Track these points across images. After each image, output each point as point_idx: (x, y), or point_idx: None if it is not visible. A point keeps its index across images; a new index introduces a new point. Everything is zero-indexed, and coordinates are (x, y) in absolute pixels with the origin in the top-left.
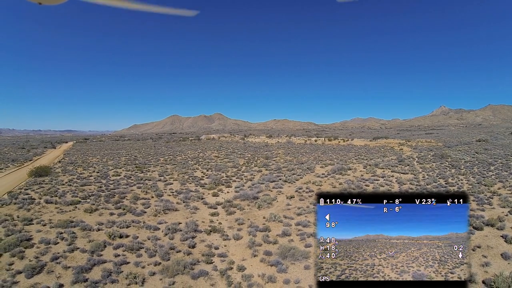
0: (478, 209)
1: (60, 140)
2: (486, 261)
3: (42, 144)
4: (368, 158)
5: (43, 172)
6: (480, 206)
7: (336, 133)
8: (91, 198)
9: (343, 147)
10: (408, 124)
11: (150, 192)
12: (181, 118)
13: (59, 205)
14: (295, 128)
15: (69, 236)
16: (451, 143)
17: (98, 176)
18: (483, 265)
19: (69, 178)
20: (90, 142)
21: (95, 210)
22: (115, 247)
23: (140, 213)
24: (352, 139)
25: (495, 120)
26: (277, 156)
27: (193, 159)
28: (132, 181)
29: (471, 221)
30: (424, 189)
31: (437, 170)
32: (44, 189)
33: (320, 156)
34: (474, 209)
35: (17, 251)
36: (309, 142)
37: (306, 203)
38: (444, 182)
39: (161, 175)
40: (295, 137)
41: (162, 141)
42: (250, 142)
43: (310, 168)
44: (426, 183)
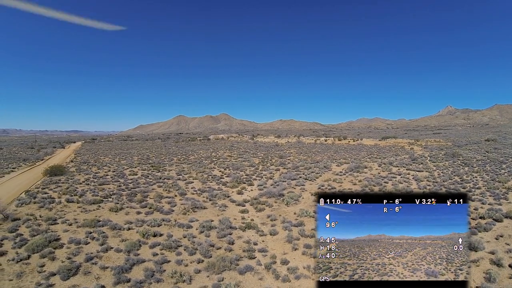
0: (496, 203)
1: (67, 140)
2: (509, 248)
3: (51, 144)
4: (381, 157)
5: (58, 171)
6: (497, 201)
7: (343, 133)
8: (113, 197)
9: (354, 147)
10: (415, 124)
11: (172, 191)
12: (187, 118)
13: (81, 204)
14: (302, 128)
15: (100, 235)
16: (460, 143)
17: (115, 175)
18: (507, 252)
19: (85, 177)
20: (99, 142)
21: (120, 209)
22: (151, 246)
23: (168, 211)
24: (361, 139)
25: (502, 120)
26: (291, 155)
27: (206, 159)
28: (151, 180)
29: (491, 214)
30: (442, 186)
31: (450, 168)
32: (62, 188)
33: (333, 155)
34: (492, 203)
35: (47, 252)
36: (319, 142)
37: None
38: (459, 179)
39: (179, 174)
40: (304, 137)
41: (171, 141)
42: (259, 142)
43: (326, 166)
44: (442, 180)
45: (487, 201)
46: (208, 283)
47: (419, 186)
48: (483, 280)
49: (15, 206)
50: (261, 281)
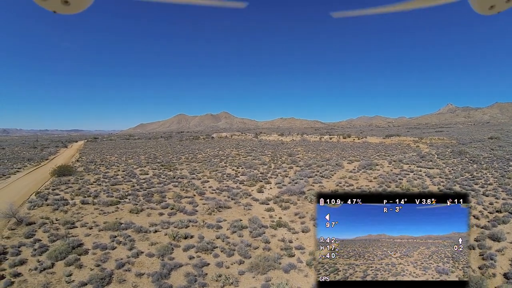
0: (509, 198)
1: (69, 139)
2: None
3: (52, 143)
4: (389, 155)
5: (66, 171)
6: (510, 196)
7: (345, 131)
8: (129, 197)
9: (359, 145)
10: (416, 122)
11: (190, 190)
12: (188, 117)
13: (98, 206)
14: (303, 126)
15: (126, 239)
16: (464, 141)
17: (126, 175)
18: None
19: (96, 177)
20: (101, 141)
21: (141, 210)
22: (184, 248)
23: (192, 212)
24: (365, 137)
25: (502, 118)
26: (299, 154)
27: (215, 157)
28: (164, 180)
29: (507, 208)
30: (455, 182)
31: (460, 166)
32: (73, 189)
33: (341, 153)
34: (506, 198)
35: (72, 259)
36: (324, 140)
37: None
38: (469, 175)
39: (191, 173)
40: (307, 135)
41: (174, 140)
42: (264, 140)
43: (338, 164)
44: (455, 177)
45: (501, 196)
46: (256, 284)
47: (433, 183)
48: (509, 267)
49: (27, 208)
50: (307, 278)
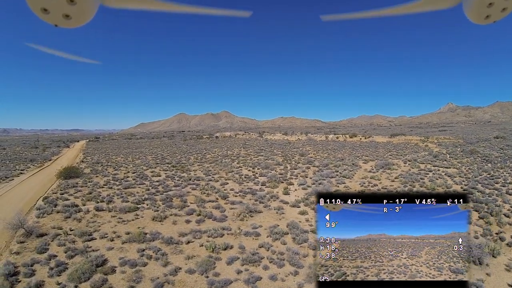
0: None
1: (70, 139)
2: None
3: (54, 143)
4: (401, 154)
5: (73, 173)
6: None
7: (347, 130)
8: (146, 202)
9: (368, 144)
10: (417, 121)
11: (212, 193)
12: (188, 116)
13: (114, 213)
14: (303, 125)
15: (157, 253)
16: (471, 140)
17: (137, 177)
18: None
19: (105, 180)
20: (103, 141)
21: (164, 218)
22: (228, 261)
23: (221, 218)
24: (371, 136)
25: (503, 117)
26: (310, 153)
27: (225, 157)
28: (180, 182)
29: None
30: (476, 182)
31: (475, 165)
32: (83, 193)
33: (352, 152)
34: None
35: (99, 280)
36: (331, 139)
37: None
38: (487, 175)
39: (206, 174)
40: (312, 134)
41: (178, 139)
42: (270, 139)
43: (355, 164)
44: (474, 176)
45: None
46: None
47: (455, 182)
48: None
49: (35, 216)
50: None
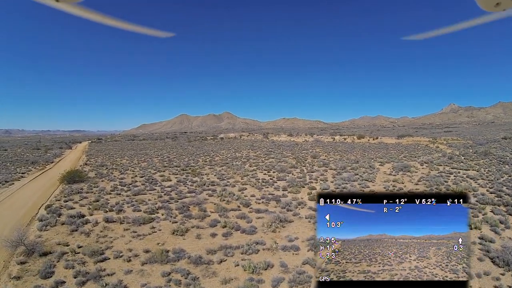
0: None
1: (72, 140)
2: None
3: (56, 144)
4: (414, 155)
5: (77, 177)
6: None
7: (351, 131)
8: (161, 212)
9: (377, 145)
10: (419, 122)
11: (232, 201)
12: (190, 117)
13: (126, 225)
14: (305, 126)
15: (186, 277)
16: (480, 141)
17: (145, 181)
18: None
19: (112, 185)
20: (106, 142)
21: (186, 231)
22: (273, 284)
23: (250, 230)
24: (379, 137)
25: (506, 118)
26: (322, 155)
27: (234, 159)
28: (194, 187)
29: None
30: (501, 184)
31: (492, 166)
32: (89, 200)
33: (365, 154)
34: None
35: None
36: (339, 141)
37: None
38: (508, 177)
39: (221, 178)
40: (317, 135)
41: (182, 141)
42: (277, 141)
43: (371, 166)
44: (496, 178)
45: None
46: None
47: (479, 185)
48: None
49: (37, 229)
50: None
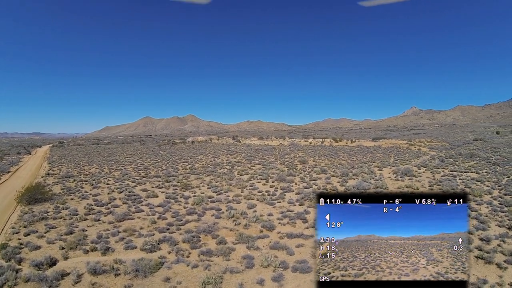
0: None
1: (32, 144)
2: None
3: (13, 149)
4: (403, 159)
5: (39, 194)
6: None
7: (317, 133)
8: (165, 248)
9: (359, 148)
10: (383, 124)
11: (250, 223)
12: (154, 120)
13: (126, 279)
14: (270, 129)
15: None
16: (456, 143)
17: (127, 199)
18: None
19: (85, 206)
20: (69, 147)
21: (219, 280)
22: None
23: (303, 266)
24: (357, 140)
25: (465, 120)
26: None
27: (216, 166)
28: (191, 207)
29: None
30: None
31: (486, 168)
32: (59, 231)
33: (353, 158)
34: None
35: None
36: (316, 144)
37: None
38: (508, 178)
39: (217, 192)
40: (288, 138)
41: (151, 145)
42: (252, 145)
43: (373, 171)
44: (499, 180)
45: None
46: None
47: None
48: None
49: None
50: None
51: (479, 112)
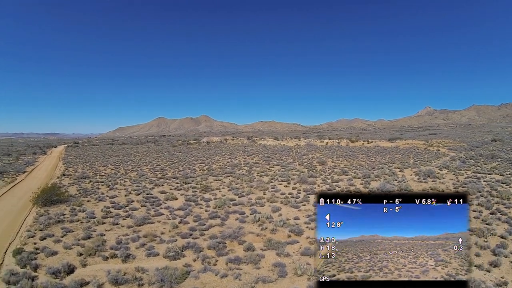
0: None
1: (47, 144)
2: None
3: (29, 149)
4: (425, 160)
5: (55, 196)
6: None
7: (332, 134)
8: (190, 255)
9: (376, 149)
10: (397, 125)
11: (277, 228)
12: (167, 120)
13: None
14: (283, 129)
15: None
16: (473, 143)
17: (145, 201)
18: None
19: (102, 208)
20: (83, 147)
21: None
22: None
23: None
24: (373, 141)
25: (480, 120)
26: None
27: (234, 167)
28: (213, 210)
29: None
30: None
31: (509, 169)
32: (76, 237)
33: (371, 159)
34: None
35: None
36: (332, 144)
37: None
38: None
39: (238, 194)
40: (304, 138)
41: (166, 145)
42: (268, 145)
43: (394, 173)
44: None
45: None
46: None
47: None
48: None
49: None
50: None
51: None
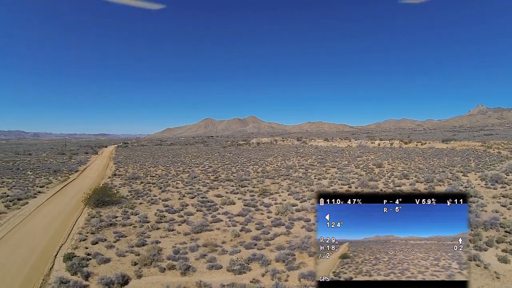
0: None
1: (98, 144)
2: None
3: (81, 148)
4: (486, 163)
5: (107, 197)
6: None
7: (381, 135)
8: (257, 268)
9: (432, 151)
10: (448, 125)
11: None
12: (215, 121)
13: None
14: (331, 130)
15: None
16: None
17: (200, 205)
18: None
19: (155, 212)
20: (133, 147)
21: None
22: None
23: None
24: (428, 142)
25: None
26: (384, 164)
27: (288, 169)
28: (277, 217)
29: None
30: None
31: None
32: (129, 241)
33: (429, 161)
34: None
35: None
36: (385, 146)
37: None
38: None
39: (300, 199)
40: (354, 139)
41: (215, 146)
42: (319, 146)
43: (458, 177)
44: None
45: None
46: None
47: None
48: None
49: None
50: None
51: None
